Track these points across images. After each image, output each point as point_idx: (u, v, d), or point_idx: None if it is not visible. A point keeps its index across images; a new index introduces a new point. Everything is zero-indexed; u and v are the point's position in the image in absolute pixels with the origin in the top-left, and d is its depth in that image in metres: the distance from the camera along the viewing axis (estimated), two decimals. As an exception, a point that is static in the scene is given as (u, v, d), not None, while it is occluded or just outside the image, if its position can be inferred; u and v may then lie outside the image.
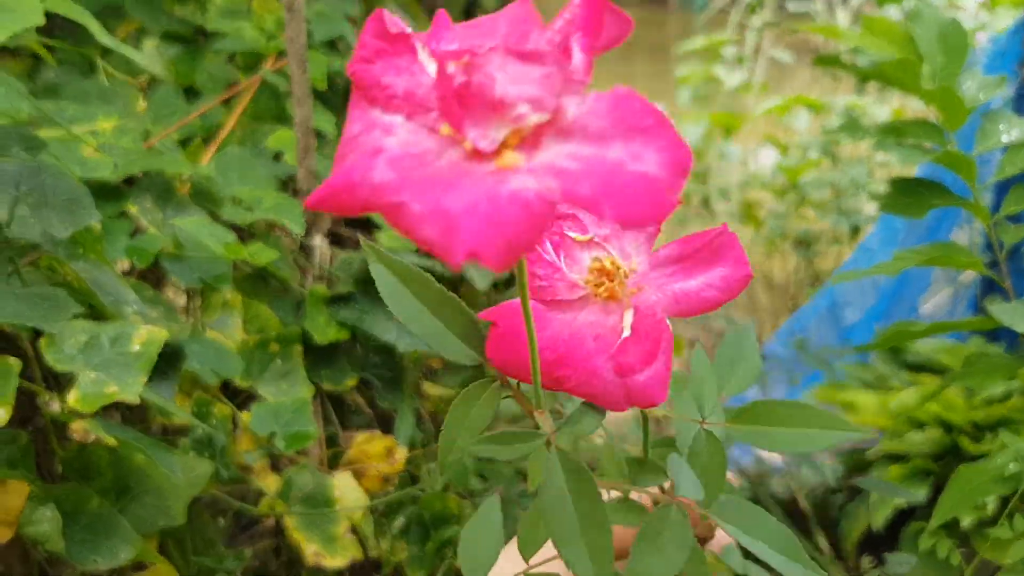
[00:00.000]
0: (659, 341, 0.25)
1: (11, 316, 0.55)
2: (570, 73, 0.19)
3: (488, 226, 0.17)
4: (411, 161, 0.20)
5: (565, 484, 0.24)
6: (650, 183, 0.18)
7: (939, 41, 0.86)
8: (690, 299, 0.26)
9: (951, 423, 1.36)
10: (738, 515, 0.29)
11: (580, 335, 0.25)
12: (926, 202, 0.84)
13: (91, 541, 0.66)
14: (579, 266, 0.26)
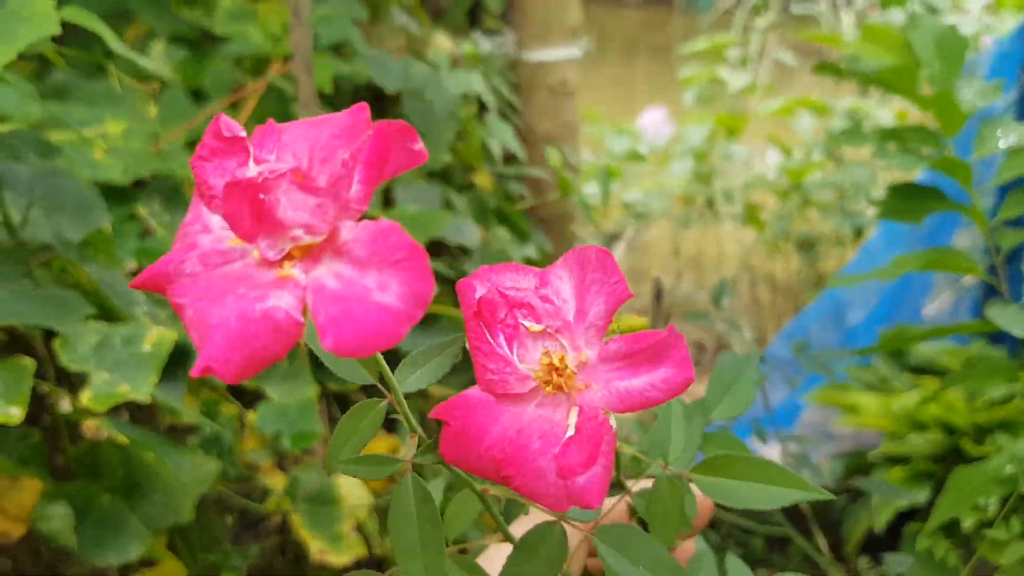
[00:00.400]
0: (600, 443, 0.25)
1: (26, 317, 0.57)
2: (348, 201, 0.22)
3: (229, 344, 0.20)
4: (217, 258, 0.23)
5: (414, 507, 0.26)
6: (385, 314, 0.20)
7: (936, 47, 0.87)
8: (633, 398, 0.26)
9: (953, 426, 1.37)
10: (622, 541, 0.30)
11: (527, 432, 0.26)
12: (924, 207, 0.85)
13: (102, 538, 0.67)
14: (531, 357, 0.27)
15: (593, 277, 0.28)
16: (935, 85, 0.84)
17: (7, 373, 0.60)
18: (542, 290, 0.28)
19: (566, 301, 0.28)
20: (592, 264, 0.28)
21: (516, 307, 0.28)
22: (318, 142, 0.23)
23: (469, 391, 0.27)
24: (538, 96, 1.22)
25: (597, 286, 0.28)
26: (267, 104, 0.99)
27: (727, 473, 0.31)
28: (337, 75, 0.99)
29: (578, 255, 0.28)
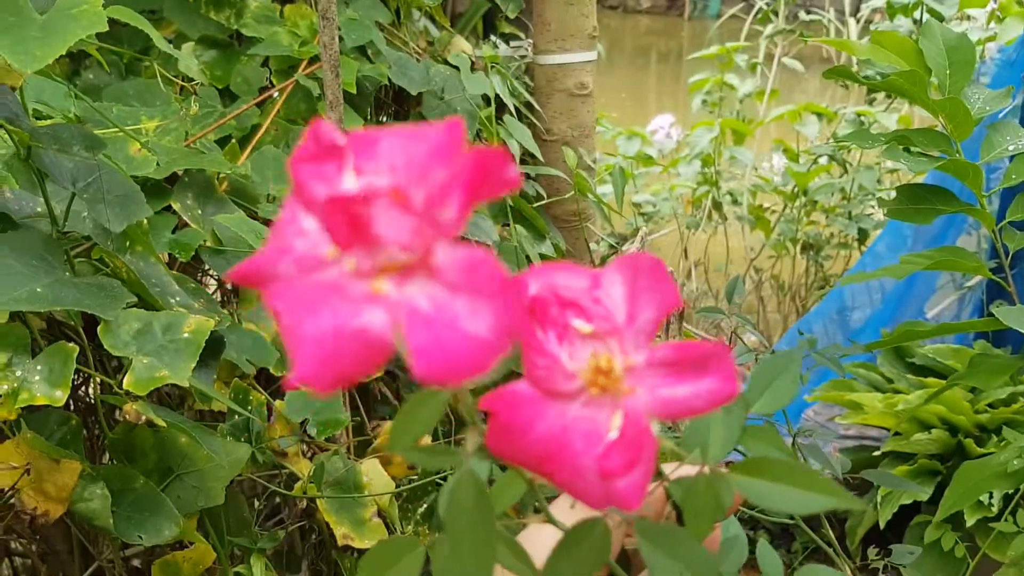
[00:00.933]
0: (642, 449, 0.26)
1: (72, 304, 0.59)
2: (443, 224, 0.22)
3: (323, 361, 0.21)
4: (311, 263, 0.23)
5: (472, 501, 0.26)
6: (475, 344, 0.21)
7: (947, 54, 0.89)
8: (677, 405, 0.27)
9: (956, 425, 1.39)
10: (662, 539, 0.30)
11: (571, 431, 0.27)
12: (932, 209, 0.87)
13: (137, 519, 0.70)
14: (579, 357, 0.27)
15: (644, 284, 0.28)
16: (945, 91, 0.87)
17: (52, 358, 0.62)
18: (594, 292, 0.28)
19: (617, 305, 0.28)
20: (644, 271, 0.28)
21: (567, 307, 0.28)
22: (415, 158, 0.23)
23: (517, 384, 0.28)
24: (556, 98, 1.25)
25: (648, 293, 0.28)
26: (293, 103, 1.01)
27: (765, 475, 0.31)
28: (361, 76, 1.01)
29: (631, 263, 0.29)
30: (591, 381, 0.27)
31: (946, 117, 0.85)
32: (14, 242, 0.60)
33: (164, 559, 0.75)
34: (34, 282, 0.59)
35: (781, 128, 2.07)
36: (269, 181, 0.91)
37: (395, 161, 0.23)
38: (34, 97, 0.79)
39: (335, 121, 0.93)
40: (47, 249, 0.62)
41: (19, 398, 0.59)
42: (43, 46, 0.49)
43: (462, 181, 0.22)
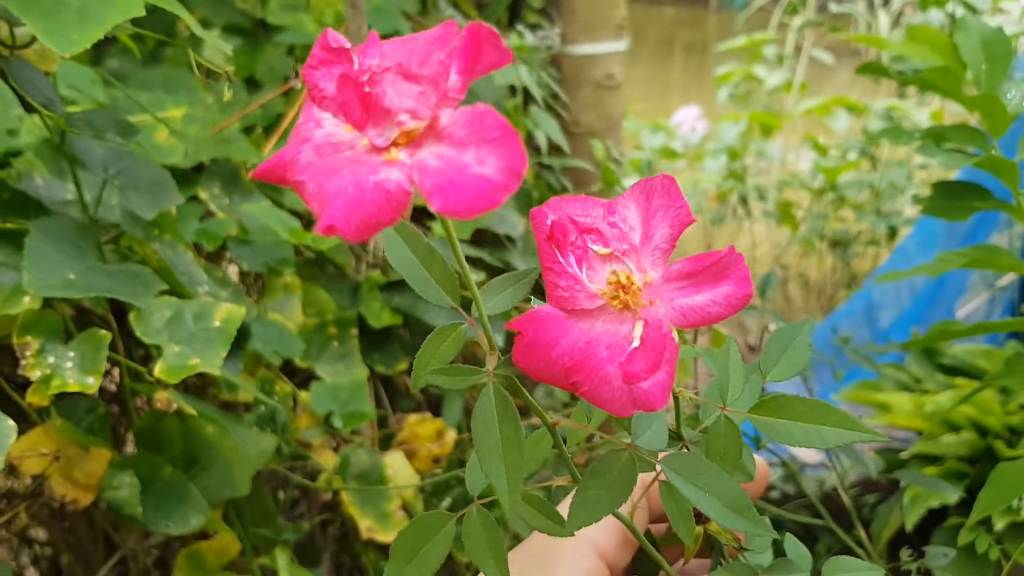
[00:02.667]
0: (663, 352, 0.27)
1: (105, 291, 0.59)
2: (446, 91, 0.24)
3: (348, 206, 0.22)
4: (329, 149, 0.25)
5: (495, 411, 0.28)
6: (484, 183, 0.22)
7: (982, 49, 0.88)
8: (695, 313, 0.28)
9: (986, 427, 1.37)
10: (688, 468, 0.31)
11: (595, 343, 0.28)
12: (969, 205, 0.86)
13: (164, 508, 0.70)
14: (599, 278, 0.29)
15: (659, 203, 0.29)
16: (981, 86, 0.85)
17: (84, 345, 0.62)
18: (610, 217, 0.30)
19: (633, 228, 0.29)
20: (658, 191, 0.29)
21: (585, 232, 0.29)
22: (415, 49, 0.26)
23: (540, 307, 0.29)
24: (583, 89, 1.23)
25: (662, 211, 0.29)
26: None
27: (783, 414, 0.32)
28: (388, 65, 1.01)
29: (644, 184, 0.30)
30: (612, 297, 0.28)
31: (982, 113, 0.84)
32: (47, 229, 0.60)
33: (190, 549, 0.75)
34: (67, 269, 0.59)
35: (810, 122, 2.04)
36: (296, 171, 0.91)
37: (396, 56, 0.25)
38: (64, 83, 0.79)
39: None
40: (79, 236, 0.62)
41: (52, 384, 0.59)
42: (80, 31, 0.48)
43: (459, 52, 0.24)
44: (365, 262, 0.96)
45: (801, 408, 0.32)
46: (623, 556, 0.36)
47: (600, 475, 0.30)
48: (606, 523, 0.35)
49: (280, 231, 0.79)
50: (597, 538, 0.36)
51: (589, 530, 0.34)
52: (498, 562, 0.31)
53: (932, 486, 0.79)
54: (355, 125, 0.24)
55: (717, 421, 0.33)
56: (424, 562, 0.32)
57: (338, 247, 0.90)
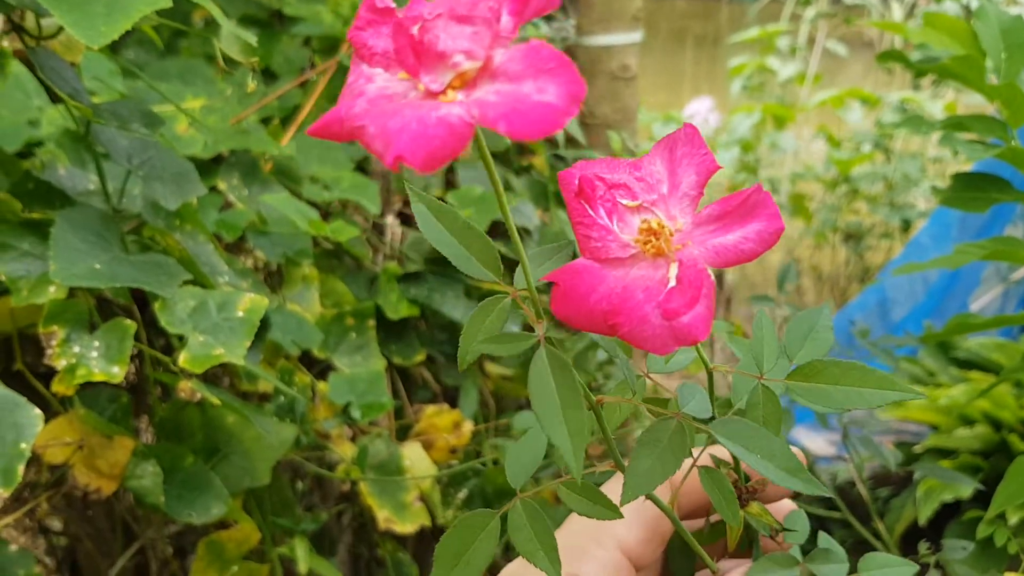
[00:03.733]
0: (701, 287, 0.27)
1: (129, 281, 0.59)
2: (499, 31, 0.25)
3: (413, 139, 0.23)
4: (383, 100, 0.26)
5: (551, 374, 0.28)
6: (547, 108, 0.23)
7: (1002, 37, 0.87)
8: (728, 251, 0.28)
9: (1001, 421, 1.37)
10: (739, 433, 0.31)
11: (631, 288, 0.28)
12: (988, 197, 0.85)
13: (186, 497, 0.70)
14: (630, 228, 0.29)
15: (683, 151, 0.30)
16: (1001, 75, 0.85)
17: (109, 334, 0.63)
18: (636, 173, 0.30)
19: (660, 180, 0.30)
20: (681, 140, 0.30)
21: (613, 188, 0.30)
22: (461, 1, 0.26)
23: (575, 261, 0.29)
24: (599, 81, 1.23)
25: (687, 159, 0.30)
26: (336, 84, 1.01)
27: (821, 379, 0.32)
28: (405, 57, 1.00)
29: (668, 138, 0.30)
30: (644, 243, 0.28)
31: (1002, 102, 0.83)
32: (73, 219, 0.60)
33: (210, 538, 0.76)
34: (92, 259, 0.59)
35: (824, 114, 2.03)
36: (313, 162, 0.91)
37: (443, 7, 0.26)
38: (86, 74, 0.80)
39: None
40: (103, 226, 0.62)
41: (77, 374, 0.59)
42: (108, 22, 0.48)
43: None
44: (382, 253, 0.96)
45: (837, 371, 0.32)
46: (647, 552, 0.36)
47: (651, 445, 0.30)
48: (630, 518, 0.35)
49: (299, 221, 0.80)
50: (619, 533, 0.35)
51: (612, 525, 0.34)
52: (549, 554, 0.30)
53: (949, 478, 0.79)
54: (410, 72, 0.25)
55: (755, 391, 0.33)
56: (470, 565, 0.31)
57: (356, 239, 0.90)
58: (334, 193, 0.89)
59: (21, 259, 0.62)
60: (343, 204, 0.97)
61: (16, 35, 0.61)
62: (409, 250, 0.96)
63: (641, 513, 0.35)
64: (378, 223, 0.96)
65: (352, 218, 0.96)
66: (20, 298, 0.61)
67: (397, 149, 0.23)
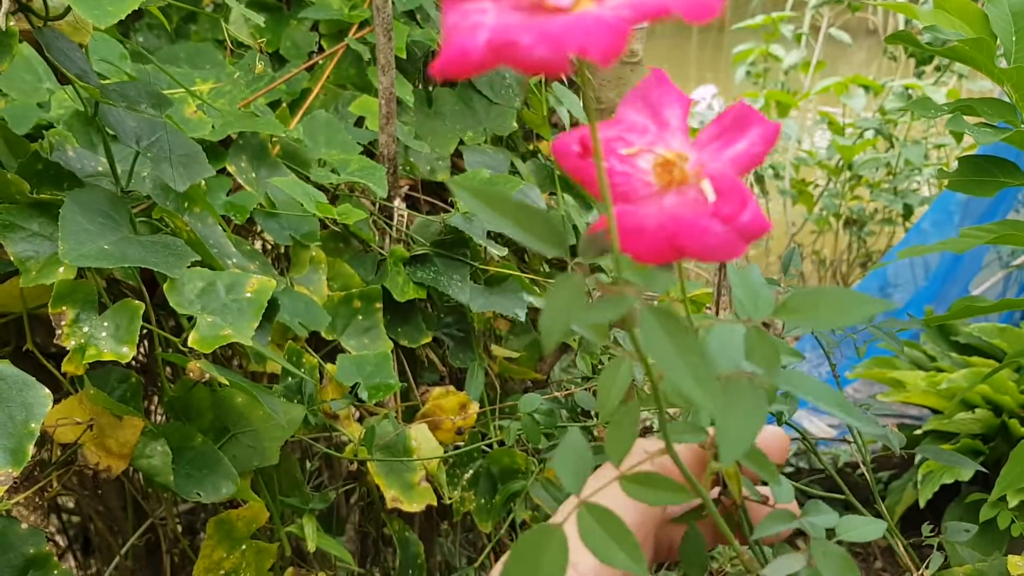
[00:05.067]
0: (742, 189, 0.28)
1: (139, 261, 0.60)
2: None
3: (586, 33, 0.22)
4: (516, 16, 0.25)
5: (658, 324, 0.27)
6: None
7: (1012, 20, 0.87)
8: (743, 158, 0.29)
9: (1001, 405, 1.38)
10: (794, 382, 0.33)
11: (678, 213, 0.29)
12: (995, 181, 0.85)
13: (196, 476, 0.71)
14: (644, 168, 0.30)
15: (659, 93, 0.31)
16: (1011, 59, 0.85)
17: (119, 315, 0.63)
18: (620, 126, 0.31)
19: (645, 125, 0.31)
20: (654, 85, 0.31)
21: (610, 142, 0.30)
22: None
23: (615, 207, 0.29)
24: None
25: (665, 98, 0.31)
26: (343, 68, 1.01)
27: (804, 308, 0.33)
28: (410, 40, 1.01)
29: (638, 88, 0.31)
30: (665, 179, 0.29)
31: (1012, 86, 0.83)
32: (81, 199, 0.61)
33: (219, 517, 0.76)
34: (101, 239, 0.59)
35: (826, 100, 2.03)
36: (320, 145, 0.91)
37: None
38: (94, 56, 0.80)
39: (387, 86, 0.93)
40: (112, 207, 0.63)
41: (87, 354, 0.60)
42: (115, 2, 0.49)
43: None
44: (389, 236, 0.96)
45: (817, 297, 0.33)
46: (639, 537, 0.35)
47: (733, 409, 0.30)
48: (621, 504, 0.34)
49: (306, 204, 0.80)
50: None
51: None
52: (631, 553, 0.29)
53: (950, 461, 0.79)
54: None
55: (749, 336, 0.34)
56: None
57: (363, 222, 0.91)
58: (342, 176, 0.89)
59: (30, 240, 0.63)
60: (350, 187, 0.97)
61: (23, 16, 0.61)
62: (416, 233, 0.96)
63: (626, 508, 0.34)
64: (385, 206, 0.97)
65: (360, 201, 0.96)
66: (29, 279, 0.62)
67: (575, 43, 0.22)
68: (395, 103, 0.93)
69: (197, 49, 0.98)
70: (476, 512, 0.92)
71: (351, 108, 0.98)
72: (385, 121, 0.94)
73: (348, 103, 0.99)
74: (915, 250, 0.99)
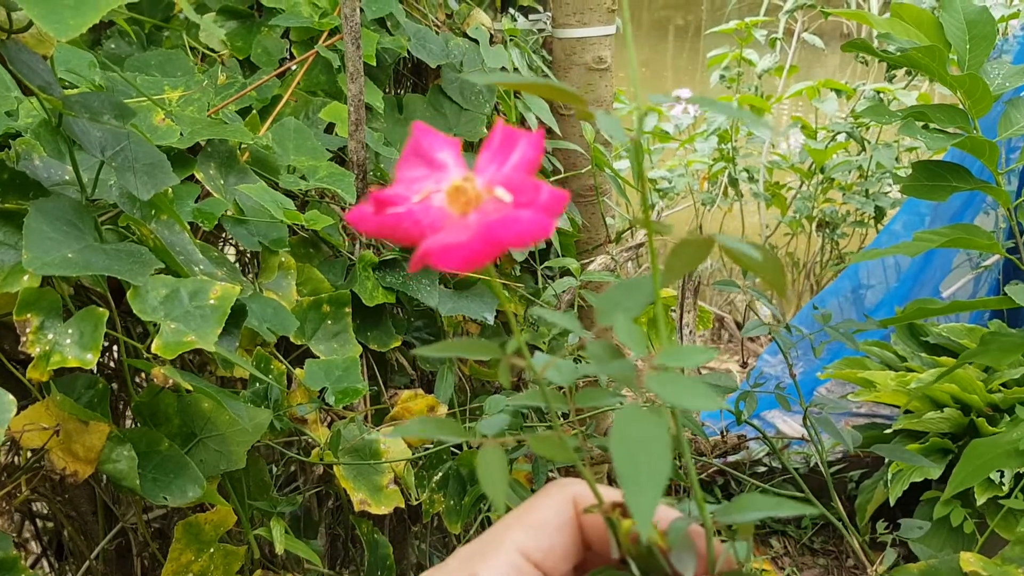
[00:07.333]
0: (530, 180, 0.29)
1: (102, 269, 0.61)
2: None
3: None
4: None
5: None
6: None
7: (967, 28, 0.89)
8: (521, 164, 0.31)
9: (969, 404, 1.40)
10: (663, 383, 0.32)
11: (483, 220, 0.30)
12: (948, 186, 0.87)
13: (162, 480, 0.72)
14: (439, 207, 0.31)
15: (426, 143, 0.32)
16: (964, 66, 0.87)
17: (83, 322, 0.64)
18: (404, 183, 0.32)
19: (426, 173, 0.32)
20: (419, 138, 0.32)
21: (400, 197, 0.31)
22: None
23: (425, 245, 0.30)
24: (574, 72, 1.25)
25: (434, 145, 0.32)
26: (314, 75, 1.02)
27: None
28: (380, 48, 1.02)
29: (405, 149, 0.33)
30: (461, 202, 0.30)
31: (964, 93, 0.85)
32: (45, 208, 0.61)
33: (187, 520, 0.77)
34: (65, 248, 0.60)
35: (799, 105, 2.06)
36: (289, 152, 0.92)
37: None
38: (61, 66, 0.81)
39: (356, 93, 0.94)
40: (77, 216, 0.64)
41: (51, 360, 0.61)
42: (76, 15, 0.50)
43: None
44: (359, 242, 0.97)
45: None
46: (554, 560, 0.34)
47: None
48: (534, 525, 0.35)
49: (274, 211, 0.81)
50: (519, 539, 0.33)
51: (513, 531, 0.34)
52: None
53: (910, 460, 0.81)
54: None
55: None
56: None
57: (332, 227, 0.92)
58: (311, 182, 0.90)
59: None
60: (320, 193, 0.98)
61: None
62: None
63: (548, 522, 0.35)
64: (354, 212, 0.98)
65: (329, 207, 0.97)
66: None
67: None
68: (364, 110, 0.94)
69: (168, 56, 0.99)
70: (445, 513, 0.93)
71: (321, 114, 0.99)
72: (355, 128, 0.95)
73: (319, 110, 1.00)
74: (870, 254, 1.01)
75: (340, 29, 0.97)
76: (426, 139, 0.32)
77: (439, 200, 0.31)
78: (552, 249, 1.11)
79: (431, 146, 0.32)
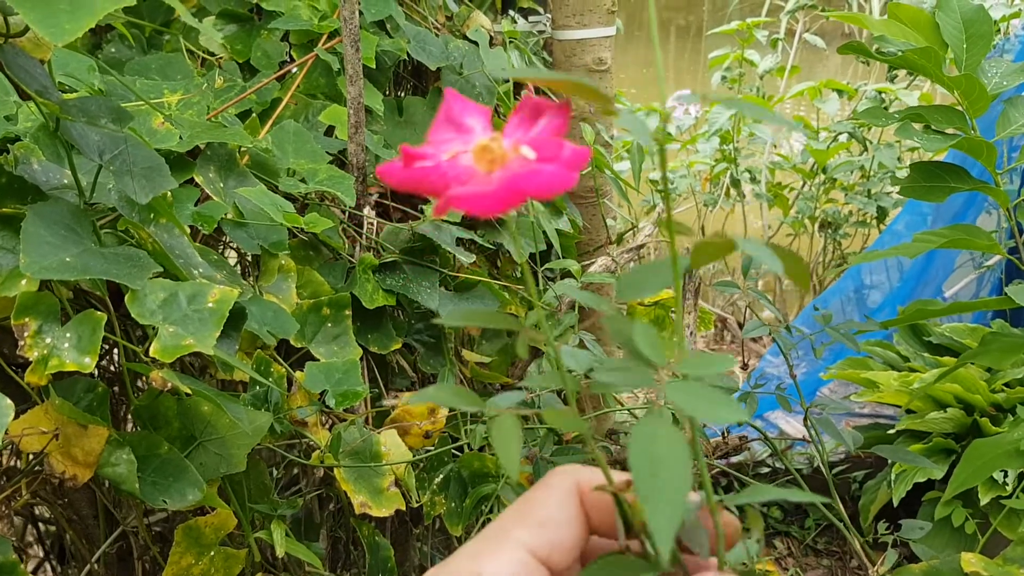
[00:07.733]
0: (555, 140, 0.30)
1: (101, 273, 0.61)
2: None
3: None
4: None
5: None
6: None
7: (964, 28, 0.89)
8: (547, 130, 0.32)
9: (972, 404, 1.40)
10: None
11: (509, 174, 0.31)
12: (946, 187, 0.87)
13: (162, 484, 0.72)
14: (467, 164, 0.32)
15: (457, 109, 0.33)
16: (962, 66, 0.86)
17: (81, 326, 0.64)
18: (434, 144, 0.33)
19: (455, 136, 0.33)
20: (450, 104, 0.34)
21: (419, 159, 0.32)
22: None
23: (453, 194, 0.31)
24: (574, 74, 1.25)
25: (464, 111, 0.33)
26: (313, 78, 1.02)
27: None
28: (380, 50, 1.02)
29: (438, 114, 0.33)
30: (487, 160, 0.31)
31: (961, 93, 0.85)
32: (43, 213, 0.62)
33: (187, 524, 0.77)
34: (63, 252, 0.60)
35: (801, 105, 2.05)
36: (289, 155, 0.92)
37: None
38: (60, 70, 0.81)
39: (355, 96, 0.94)
40: (75, 220, 0.64)
41: (49, 364, 0.61)
42: (72, 19, 0.50)
43: None
44: (359, 244, 0.97)
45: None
46: (559, 555, 0.34)
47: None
48: (537, 520, 0.35)
49: (273, 214, 0.81)
50: (522, 535, 0.33)
51: (516, 527, 0.34)
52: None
53: (912, 461, 0.81)
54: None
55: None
56: None
57: (332, 230, 0.92)
58: (311, 185, 0.90)
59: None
60: (320, 196, 0.98)
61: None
62: (385, 240, 0.98)
63: (553, 517, 0.35)
64: (355, 214, 0.98)
65: (329, 210, 0.97)
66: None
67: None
68: (364, 113, 0.94)
69: (168, 60, 0.99)
70: (447, 516, 0.93)
71: (321, 117, 0.99)
72: (354, 131, 0.95)
73: (318, 112, 1.00)
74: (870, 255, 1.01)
75: (339, 32, 0.98)
76: (457, 105, 0.33)
77: (466, 159, 0.32)
78: (553, 251, 1.11)
79: (461, 112, 0.33)
